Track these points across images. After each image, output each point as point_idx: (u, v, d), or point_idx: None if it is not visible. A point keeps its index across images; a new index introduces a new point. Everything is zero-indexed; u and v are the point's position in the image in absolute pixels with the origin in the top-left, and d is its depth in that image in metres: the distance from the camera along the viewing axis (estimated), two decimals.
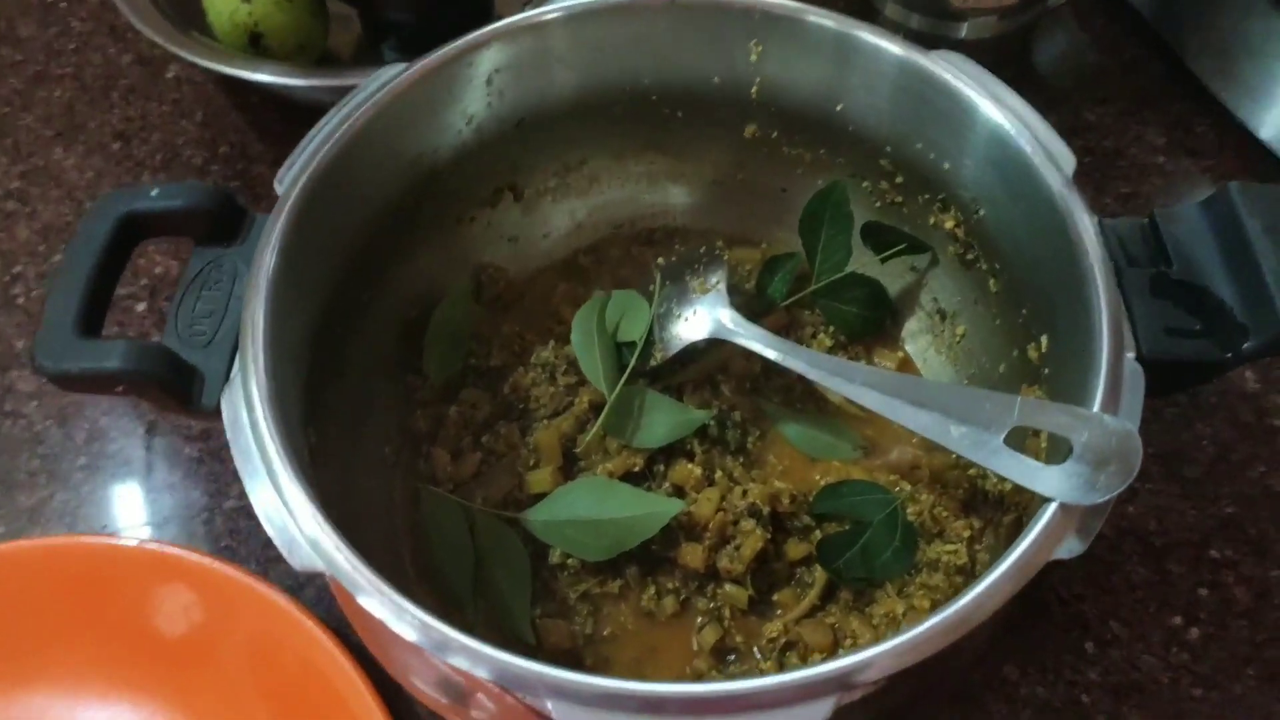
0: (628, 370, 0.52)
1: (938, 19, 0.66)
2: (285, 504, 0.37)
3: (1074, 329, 0.41)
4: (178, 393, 0.40)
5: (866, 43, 0.49)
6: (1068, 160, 0.43)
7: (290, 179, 0.45)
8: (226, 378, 0.41)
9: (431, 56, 0.48)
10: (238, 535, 0.55)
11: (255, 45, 0.67)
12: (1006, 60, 0.70)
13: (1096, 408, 0.37)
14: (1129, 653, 0.50)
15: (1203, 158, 0.68)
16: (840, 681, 0.32)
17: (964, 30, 0.66)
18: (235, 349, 0.42)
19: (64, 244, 0.66)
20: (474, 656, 0.33)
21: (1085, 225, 0.42)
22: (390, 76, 0.47)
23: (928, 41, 0.49)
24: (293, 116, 0.71)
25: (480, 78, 0.50)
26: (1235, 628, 0.50)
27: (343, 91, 0.65)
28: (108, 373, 0.40)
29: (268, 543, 0.53)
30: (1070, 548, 0.34)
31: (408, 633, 0.34)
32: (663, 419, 0.52)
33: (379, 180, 0.49)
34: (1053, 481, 0.37)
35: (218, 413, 0.41)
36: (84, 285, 0.42)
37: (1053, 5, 0.68)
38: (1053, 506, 0.35)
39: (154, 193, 0.44)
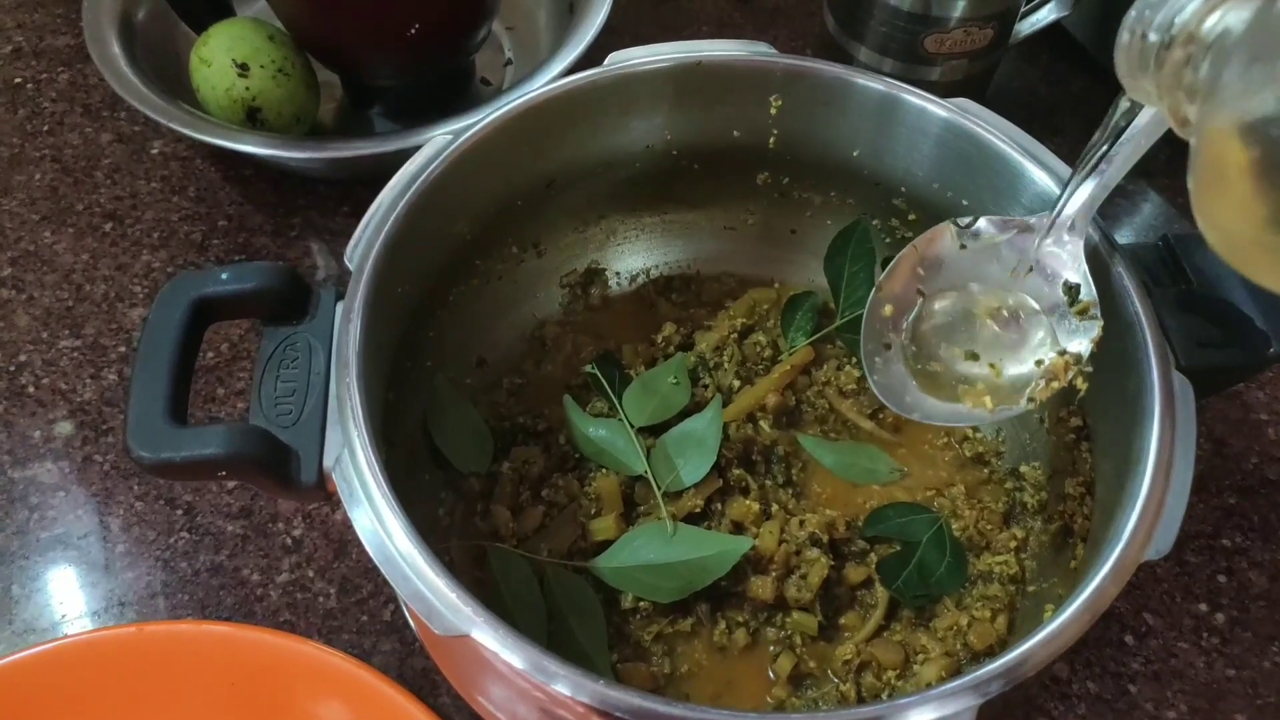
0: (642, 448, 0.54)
1: (911, 63, 0.70)
2: (418, 575, 0.37)
3: (1113, 347, 0.45)
4: (277, 473, 0.41)
5: (880, 93, 0.53)
6: None
7: (359, 255, 0.45)
8: (320, 454, 0.42)
9: (480, 125, 0.50)
10: (295, 609, 0.54)
11: (252, 119, 0.67)
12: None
13: (1155, 419, 0.41)
14: (1164, 641, 0.54)
15: (1157, 176, 0.73)
16: (981, 688, 0.34)
17: (936, 74, 0.70)
18: (323, 425, 0.42)
19: (67, 330, 0.65)
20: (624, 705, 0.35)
21: (1115, 250, 0.45)
22: (442, 147, 0.49)
23: None
24: (287, 187, 0.72)
25: (525, 143, 0.52)
26: (1255, 609, 0.55)
27: (340, 162, 0.67)
28: (210, 459, 0.40)
29: (327, 614, 0.54)
30: (1158, 549, 0.38)
31: (563, 689, 0.35)
32: (696, 458, 0.54)
33: (432, 249, 0.51)
34: None
35: (318, 490, 0.42)
36: (167, 373, 0.42)
37: (1014, 44, 0.73)
38: (1136, 512, 0.39)
39: (224, 275, 0.45)
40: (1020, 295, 0.48)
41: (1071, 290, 0.46)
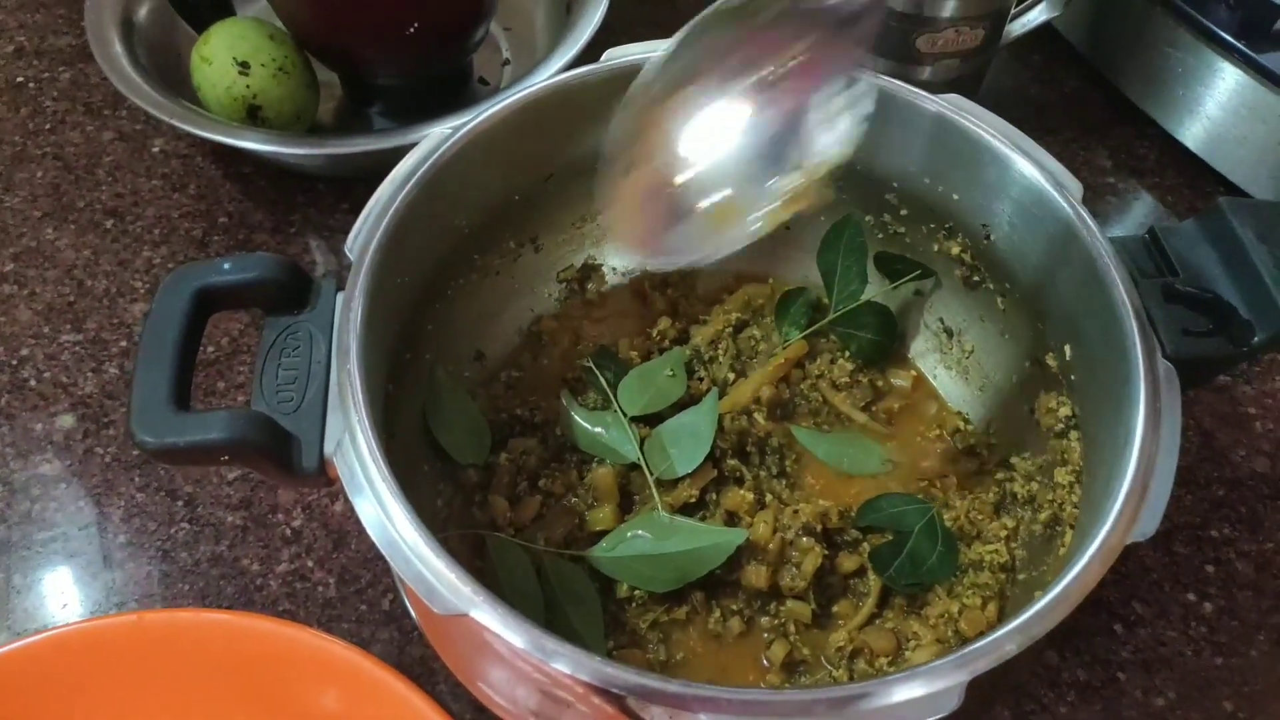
0: (636, 436, 0.55)
1: (903, 63, 0.71)
2: (419, 558, 0.38)
3: (1101, 337, 0.46)
4: (279, 458, 0.42)
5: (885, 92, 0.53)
6: (1076, 187, 0.48)
7: (360, 245, 0.46)
8: (321, 440, 0.42)
9: (479, 119, 0.50)
10: (295, 598, 0.55)
11: (253, 117, 0.68)
12: None
13: (1141, 406, 0.42)
14: (1154, 630, 0.54)
15: (1147, 175, 0.74)
16: (969, 665, 0.35)
17: (927, 73, 0.71)
18: (324, 412, 0.43)
19: (69, 325, 0.65)
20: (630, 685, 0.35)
21: (1102, 242, 0.46)
22: (441, 140, 0.49)
23: None
24: (286, 184, 0.73)
25: (523, 137, 0.53)
26: (1242, 599, 0.55)
27: (339, 159, 0.68)
28: (213, 444, 0.40)
29: (326, 603, 0.55)
30: (1143, 531, 0.38)
31: (562, 667, 0.36)
32: (690, 448, 0.55)
33: (432, 241, 0.51)
34: None
35: (318, 475, 0.42)
36: (171, 360, 0.43)
37: (1005, 45, 0.73)
38: (1122, 494, 0.39)
39: (226, 266, 0.45)
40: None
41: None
